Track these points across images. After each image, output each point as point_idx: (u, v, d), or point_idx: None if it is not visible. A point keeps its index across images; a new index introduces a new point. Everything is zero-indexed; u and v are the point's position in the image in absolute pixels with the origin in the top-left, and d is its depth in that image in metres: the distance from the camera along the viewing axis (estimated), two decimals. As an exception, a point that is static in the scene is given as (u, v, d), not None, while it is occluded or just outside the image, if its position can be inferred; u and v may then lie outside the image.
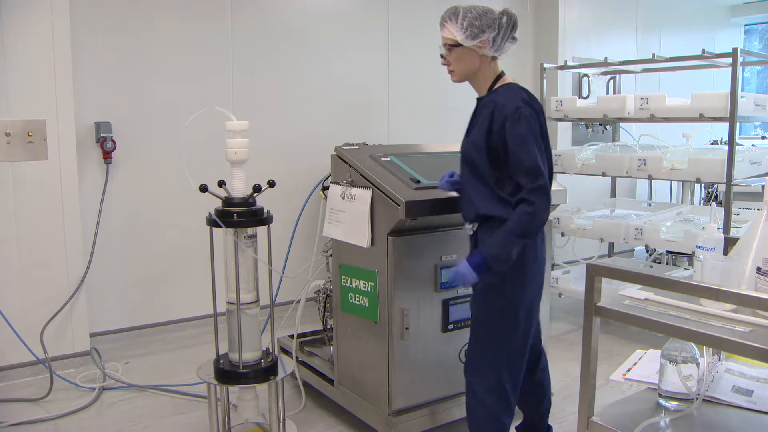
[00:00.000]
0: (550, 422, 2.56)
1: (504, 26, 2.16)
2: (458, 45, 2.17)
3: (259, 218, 2.44)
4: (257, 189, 2.48)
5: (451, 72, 2.25)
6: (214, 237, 2.42)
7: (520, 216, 2.05)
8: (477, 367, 2.26)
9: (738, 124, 3.52)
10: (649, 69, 4.68)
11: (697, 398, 1.73)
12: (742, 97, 3.48)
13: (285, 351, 3.28)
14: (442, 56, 2.25)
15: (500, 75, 2.25)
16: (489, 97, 2.20)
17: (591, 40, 5.46)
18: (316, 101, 4.32)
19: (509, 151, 2.08)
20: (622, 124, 5.13)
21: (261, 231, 2.51)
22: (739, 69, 3.47)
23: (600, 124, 5.38)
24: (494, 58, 2.22)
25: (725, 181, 3.44)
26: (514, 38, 2.21)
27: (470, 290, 2.32)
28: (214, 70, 3.95)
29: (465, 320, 2.64)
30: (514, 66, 5.31)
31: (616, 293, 1.76)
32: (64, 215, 3.40)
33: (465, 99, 5.24)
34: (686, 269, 4.36)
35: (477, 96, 2.29)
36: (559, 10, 5.24)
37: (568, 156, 4.24)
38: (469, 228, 2.27)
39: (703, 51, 3.68)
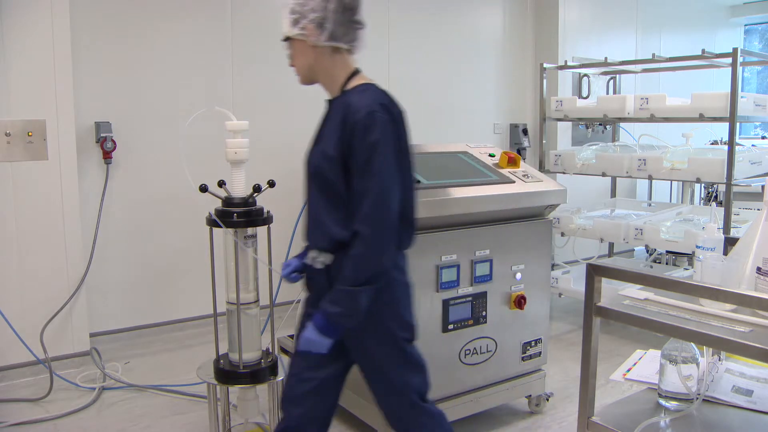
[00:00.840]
0: (549, 422, 2.57)
1: (332, 9, 1.81)
2: (290, 39, 1.87)
3: (259, 218, 2.44)
4: (257, 189, 2.48)
5: (297, 74, 1.94)
6: (214, 237, 2.43)
7: (353, 259, 1.73)
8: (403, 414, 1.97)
9: (738, 124, 3.52)
10: (649, 69, 4.68)
11: (697, 398, 1.73)
12: (742, 97, 3.48)
13: (285, 351, 3.28)
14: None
15: (355, 72, 1.92)
16: (341, 98, 1.87)
17: (591, 40, 5.46)
18: (317, 101, 4.29)
19: (354, 163, 1.74)
20: (622, 124, 5.13)
21: (261, 231, 2.51)
22: (739, 69, 3.47)
23: (600, 124, 5.39)
24: (337, 50, 1.87)
25: (725, 181, 3.44)
26: (353, 22, 1.87)
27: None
28: (214, 70, 3.95)
29: (465, 320, 2.64)
30: (514, 66, 5.32)
31: (616, 293, 1.76)
32: (64, 215, 3.40)
33: (465, 99, 5.27)
34: (686, 269, 4.36)
35: (327, 98, 1.96)
36: (559, 10, 5.24)
37: (568, 156, 4.24)
38: (319, 261, 1.84)
39: (703, 51, 3.68)
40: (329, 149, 1.79)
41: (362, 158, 1.73)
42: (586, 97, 5.18)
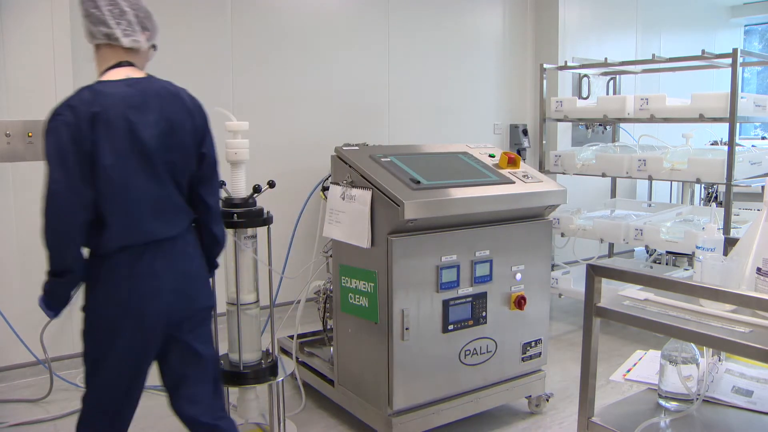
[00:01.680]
0: (549, 423, 2.57)
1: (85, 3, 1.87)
2: None
3: (259, 219, 2.44)
4: (257, 189, 2.48)
5: None
6: (214, 237, 2.42)
7: None
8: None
9: (738, 125, 3.52)
10: (649, 69, 4.68)
11: (697, 399, 1.73)
12: (742, 97, 3.48)
13: (285, 351, 3.28)
14: None
15: (112, 67, 1.93)
16: None
17: (591, 40, 5.46)
18: (316, 101, 4.32)
19: None
20: (622, 125, 5.13)
21: (261, 231, 2.51)
22: (739, 69, 3.47)
23: (600, 125, 5.39)
24: (98, 47, 1.94)
25: (725, 181, 3.44)
26: (88, 16, 1.89)
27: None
28: (214, 70, 3.95)
29: (465, 321, 2.64)
30: (514, 66, 5.32)
31: (616, 293, 1.76)
32: (64, 215, 3.39)
33: (464, 99, 5.26)
34: (686, 269, 4.36)
35: None
36: (559, 10, 5.24)
37: (568, 156, 4.24)
38: None
39: (703, 51, 3.68)
40: None
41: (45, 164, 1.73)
42: (586, 98, 5.18)
